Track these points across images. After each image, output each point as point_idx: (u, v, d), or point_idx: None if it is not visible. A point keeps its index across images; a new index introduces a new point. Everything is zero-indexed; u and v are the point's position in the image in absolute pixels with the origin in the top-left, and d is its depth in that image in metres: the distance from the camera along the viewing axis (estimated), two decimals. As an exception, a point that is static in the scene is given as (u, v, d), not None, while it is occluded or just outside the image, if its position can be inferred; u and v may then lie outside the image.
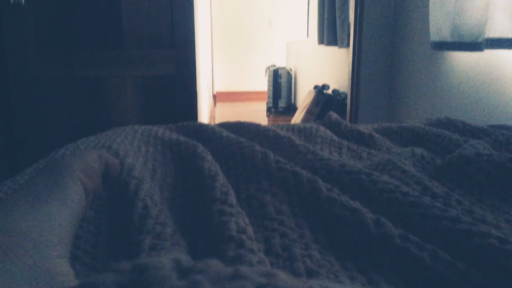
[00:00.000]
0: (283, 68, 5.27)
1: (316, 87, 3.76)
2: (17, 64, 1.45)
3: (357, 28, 2.33)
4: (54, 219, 0.30)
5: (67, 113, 1.56)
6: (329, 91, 3.61)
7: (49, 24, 1.51)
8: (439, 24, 1.66)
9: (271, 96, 5.20)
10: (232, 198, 0.41)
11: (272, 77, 5.19)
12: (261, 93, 6.24)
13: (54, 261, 0.27)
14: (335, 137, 0.81)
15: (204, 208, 0.43)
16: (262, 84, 6.10)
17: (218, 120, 4.32)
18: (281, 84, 5.19)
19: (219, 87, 6.44)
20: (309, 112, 3.58)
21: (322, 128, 0.86)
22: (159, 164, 0.61)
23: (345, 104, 2.71)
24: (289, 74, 5.24)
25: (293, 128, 0.87)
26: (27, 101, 1.47)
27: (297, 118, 3.81)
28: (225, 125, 0.83)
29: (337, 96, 3.35)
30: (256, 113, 5.33)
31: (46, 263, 0.26)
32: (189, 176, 0.55)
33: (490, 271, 0.31)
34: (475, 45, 1.49)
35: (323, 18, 3.61)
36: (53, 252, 0.28)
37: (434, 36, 1.70)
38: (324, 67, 4.07)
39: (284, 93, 5.21)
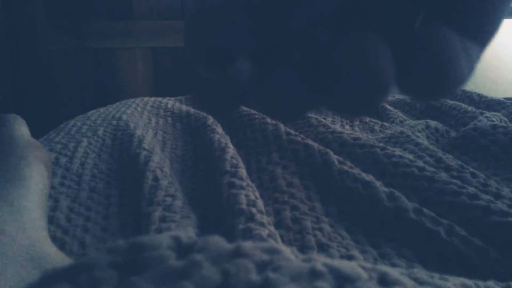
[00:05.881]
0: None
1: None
2: (27, 36, 1.44)
3: None
4: (32, 200, 0.30)
5: (77, 84, 1.56)
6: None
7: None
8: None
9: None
10: (242, 171, 0.40)
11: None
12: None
13: (46, 242, 0.27)
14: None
15: (214, 181, 0.42)
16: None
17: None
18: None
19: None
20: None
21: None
22: (169, 136, 0.60)
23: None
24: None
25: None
26: (37, 73, 1.47)
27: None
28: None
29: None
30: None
31: (39, 244, 0.26)
32: (199, 148, 0.55)
33: (508, 249, 0.31)
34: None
35: None
36: (43, 233, 0.27)
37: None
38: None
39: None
